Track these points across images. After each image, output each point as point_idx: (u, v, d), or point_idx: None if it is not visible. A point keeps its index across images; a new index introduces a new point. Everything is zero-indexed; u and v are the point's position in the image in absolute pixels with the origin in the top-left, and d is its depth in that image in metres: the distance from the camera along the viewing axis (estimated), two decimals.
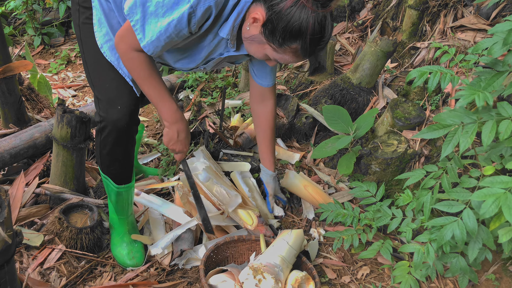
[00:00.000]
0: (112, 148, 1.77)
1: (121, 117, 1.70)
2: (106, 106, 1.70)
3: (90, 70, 1.75)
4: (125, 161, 1.85)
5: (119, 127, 1.72)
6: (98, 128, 1.76)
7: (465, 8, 3.17)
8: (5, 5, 4.45)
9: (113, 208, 2.00)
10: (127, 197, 1.96)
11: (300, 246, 1.98)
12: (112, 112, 1.69)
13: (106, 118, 1.71)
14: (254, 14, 1.44)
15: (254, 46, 1.53)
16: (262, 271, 1.79)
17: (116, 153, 1.80)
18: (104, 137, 1.75)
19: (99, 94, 1.72)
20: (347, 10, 3.74)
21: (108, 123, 1.71)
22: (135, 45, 1.54)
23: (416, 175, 1.81)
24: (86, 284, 1.91)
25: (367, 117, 2.51)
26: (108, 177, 1.88)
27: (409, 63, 3.18)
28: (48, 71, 4.29)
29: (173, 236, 2.05)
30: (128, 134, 1.77)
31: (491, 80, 1.48)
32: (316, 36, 1.40)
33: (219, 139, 2.63)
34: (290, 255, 1.91)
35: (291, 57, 1.49)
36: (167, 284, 1.93)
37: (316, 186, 2.39)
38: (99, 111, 1.74)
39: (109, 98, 1.70)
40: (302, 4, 1.35)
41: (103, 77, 1.71)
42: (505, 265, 2.03)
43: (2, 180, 2.40)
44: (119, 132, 1.73)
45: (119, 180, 1.88)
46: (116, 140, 1.75)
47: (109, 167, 1.85)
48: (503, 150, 1.63)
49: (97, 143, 1.80)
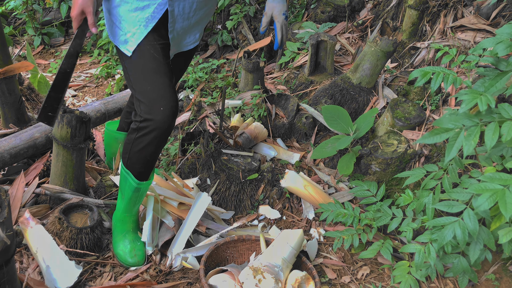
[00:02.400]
0: (145, 147, 1.81)
1: (165, 119, 1.74)
2: (149, 107, 1.74)
3: (130, 74, 1.80)
4: (152, 160, 1.89)
5: (161, 128, 1.76)
6: (136, 126, 1.79)
7: (465, 8, 3.17)
8: (5, 5, 4.45)
9: (122, 205, 2.00)
10: (142, 194, 1.98)
11: (300, 246, 1.98)
12: (156, 114, 1.73)
13: (149, 119, 1.74)
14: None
15: None
16: (262, 271, 1.79)
17: (147, 152, 1.83)
18: (140, 136, 1.79)
19: (141, 97, 1.76)
20: (347, 10, 3.73)
21: (150, 124, 1.75)
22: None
23: (416, 174, 1.81)
24: (86, 284, 1.91)
25: (367, 117, 2.51)
26: (130, 172, 1.90)
27: (409, 63, 3.18)
28: (48, 71, 4.29)
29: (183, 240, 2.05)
30: (165, 136, 1.80)
31: (494, 80, 1.48)
32: None
33: (219, 139, 2.63)
34: (290, 255, 1.91)
35: None
36: (167, 285, 1.93)
37: (316, 186, 2.39)
38: (140, 112, 1.77)
39: (151, 100, 1.74)
40: None
41: (141, 79, 1.76)
42: (505, 265, 2.03)
43: (2, 180, 2.40)
44: (159, 132, 1.77)
45: (141, 177, 1.91)
46: (152, 140, 1.79)
47: (135, 163, 1.87)
48: (503, 151, 1.63)
49: (129, 139, 1.83)
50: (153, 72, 1.76)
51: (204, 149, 2.46)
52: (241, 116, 2.86)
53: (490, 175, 1.42)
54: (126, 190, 1.95)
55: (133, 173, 1.89)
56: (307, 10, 3.97)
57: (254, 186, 2.39)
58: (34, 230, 1.96)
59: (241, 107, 2.96)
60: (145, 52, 1.77)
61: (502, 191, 1.36)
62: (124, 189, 1.96)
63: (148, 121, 1.75)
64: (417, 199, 1.84)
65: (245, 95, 3.04)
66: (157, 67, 1.77)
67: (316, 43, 3.01)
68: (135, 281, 1.92)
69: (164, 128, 1.76)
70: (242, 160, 2.44)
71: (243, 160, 2.43)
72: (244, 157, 2.46)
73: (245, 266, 1.90)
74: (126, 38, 1.77)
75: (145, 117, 1.75)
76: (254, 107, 2.83)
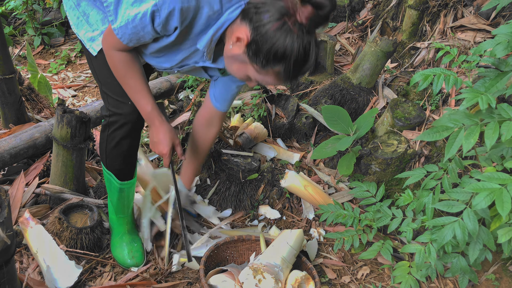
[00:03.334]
0: (119, 141, 1.79)
1: (133, 111, 1.72)
2: (116, 101, 1.72)
3: (94, 66, 1.76)
4: (130, 155, 1.87)
5: (131, 120, 1.74)
6: (107, 122, 1.77)
7: (465, 8, 3.17)
8: (5, 5, 4.45)
9: (113, 208, 2.00)
10: (128, 194, 1.97)
11: (300, 246, 1.98)
12: (123, 106, 1.72)
13: (117, 113, 1.73)
14: (238, 33, 1.43)
15: (236, 65, 1.52)
16: (262, 271, 1.79)
17: (123, 147, 1.82)
18: (113, 131, 1.77)
19: (107, 90, 1.74)
20: (347, 10, 3.73)
21: (119, 117, 1.74)
22: (114, 44, 1.55)
23: (416, 175, 1.81)
24: (86, 284, 1.91)
25: (367, 117, 2.51)
26: (111, 173, 1.89)
27: (409, 63, 3.18)
28: (48, 71, 4.29)
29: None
30: (137, 127, 1.79)
31: (494, 80, 1.49)
32: (299, 61, 1.40)
33: (219, 139, 2.63)
34: (290, 255, 1.91)
35: (273, 79, 1.48)
36: (167, 284, 1.93)
37: (316, 186, 2.38)
38: (108, 105, 1.76)
39: (118, 94, 1.71)
40: (288, 28, 1.35)
41: (108, 73, 1.72)
42: (505, 265, 2.03)
43: (2, 180, 2.40)
44: (129, 125, 1.76)
45: (122, 176, 1.90)
46: (125, 134, 1.78)
47: (114, 161, 1.86)
48: (503, 151, 1.63)
49: (103, 138, 1.81)
50: None
51: None
52: (241, 116, 2.86)
53: (488, 174, 1.43)
54: (112, 192, 1.95)
55: (114, 173, 1.88)
56: None
57: (254, 186, 2.39)
58: (34, 230, 1.96)
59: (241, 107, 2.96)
60: None
61: (500, 190, 1.37)
62: (110, 191, 1.96)
63: (117, 115, 1.74)
64: (417, 199, 1.84)
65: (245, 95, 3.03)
66: None
67: None
68: (135, 281, 1.92)
69: (134, 120, 1.75)
70: (242, 160, 2.43)
71: (243, 160, 2.43)
72: (244, 157, 2.46)
73: (245, 266, 1.90)
74: (93, 35, 1.69)
75: (113, 111, 1.74)
76: (254, 107, 2.83)
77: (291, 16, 1.36)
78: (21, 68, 4.10)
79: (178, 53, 1.62)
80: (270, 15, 1.37)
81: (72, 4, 1.72)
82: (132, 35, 1.49)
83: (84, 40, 1.71)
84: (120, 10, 1.47)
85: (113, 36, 1.52)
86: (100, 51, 1.68)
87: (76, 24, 1.73)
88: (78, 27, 1.72)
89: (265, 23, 1.37)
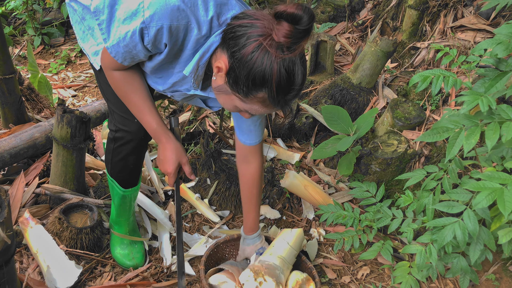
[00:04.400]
0: (125, 156, 1.77)
1: (139, 129, 1.68)
2: (123, 119, 1.69)
3: (101, 82, 1.72)
4: (136, 168, 1.85)
5: (136, 138, 1.71)
6: (113, 136, 1.74)
7: (465, 8, 3.17)
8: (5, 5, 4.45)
9: (115, 210, 2.00)
10: (130, 199, 1.96)
11: (300, 246, 1.98)
12: (130, 124, 1.68)
13: (124, 129, 1.70)
14: (218, 63, 1.32)
15: (222, 97, 1.40)
16: (263, 274, 1.78)
17: (129, 161, 1.79)
18: (119, 146, 1.75)
19: (113, 106, 1.70)
20: (347, 10, 3.73)
21: (125, 134, 1.71)
22: (110, 63, 1.50)
23: (417, 176, 1.81)
24: (86, 284, 1.91)
25: (367, 117, 2.51)
26: (115, 180, 1.87)
27: (409, 63, 3.18)
28: (48, 71, 4.29)
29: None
30: (143, 144, 1.76)
31: (494, 80, 1.48)
32: (283, 84, 1.26)
33: (219, 139, 2.63)
34: (291, 256, 1.91)
35: (261, 107, 1.34)
36: (167, 283, 1.93)
37: (316, 186, 2.38)
38: (115, 122, 1.72)
39: (123, 110, 1.67)
40: (264, 48, 1.22)
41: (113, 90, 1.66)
42: (505, 265, 2.03)
43: (2, 180, 2.40)
44: (135, 142, 1.73)
45: (126, 184, 1.88)
46: (132, 150, 1.75)
47: (119, 173, 1.84)
48: (504, 151, 1.63)
49: (109, 149, 1.79)
50: None
51: (204, 149, 2.46)
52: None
53: (489, 173, 1.43)
54: (114, 197, 1.95)
55: (118, 182, 1.87)
56: None
57: None
58: (34, 230, 1.96)
59: None
60: None
61: (501, 190, 1.37)
62: (113, 196, 1.96)
63: (123, 132, 1.71)
64: (417, 200, 1.84)
65: None
66: None
67: (316, 43, 3.01)
68: (134, 281, 1.92)
69: (140, 137, 1.71)
70: None
71: None
72: None
73: (244, 264, 1.90)
74: (97, 50, 1.65)
75: (119, 127, 1.71)
76: None
77: (267, 36, 1.22)
78: (21, 68, 4.11)
79: (170, 75, 1.54)
80: (246, 38, 1.24)
81: (77, 18, 1.68)
82: (125, 54, 1.42)
83: (89, 54, 1.68)
84: (112, 29, 1.40)
85: (108, 55, 1.45)
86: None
87: (82, 38, 1.69)
88: (84, 40, 1.68)
89: (240, 47, 1.25)
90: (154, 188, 2.43)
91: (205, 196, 2.39)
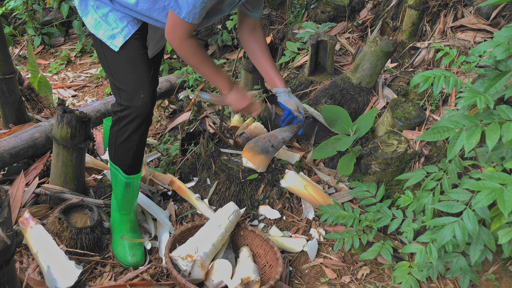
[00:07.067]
0: (129, 136, 1.86)
1: (145, 105, 1.81)
2: (130, 95, 1.81)
3: (109, 63, 1.85)
4: (139, 150, 1.92)
5: (142, 114, 1.82)
6: (118, 117, 1.84)
7: (465, 8, 3.17)
8: (5, 5, 4.45)
9: (116, 204, 2.01)
10: (133, 189, 2.00)
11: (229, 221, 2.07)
12: (136, 99, 1.80)
13: (130, 106, 1.81)
14: None
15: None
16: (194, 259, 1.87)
17: (132, 141, 1.88)
18: (123, 125, 1.84)
19: (121, 85, 1.82)
20: (347, 10, 3.73)
21: (131, 111, 1.81)
22: (186, 32, 1.73)
23: (417, 176, 1.81)
24: (86, 284, 1.92)
25: (367, 117, 2.51)
26: (118, 167, 1.93)
27: (409, 63, 3.18)
28: (48, 71, 4.29)
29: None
30: (147, 122, 1.87)
31: (493, 80, 1.49)
32: None
33: (219, 139, 2.63)
34: (223, 238, 2.01)
35: None
36: (167, 283, 1.93)
37: (316, 186, 2.38)
38: (120, 100, 1.83)
39: (132, 87, 1.80)
40: None
41: (123, 68, 1.82)
42: (505, 265, 2.03)
43: (2, 180, 2.40)
44: (140, 118, 1.83)
45: (129, 171, 1.94)
46: (135, 128, 1.84)
47: (122, 156, 1.91)
48: (504, 152, 1.63)
49: (113, 132, 1.88)
50: (135, 62, 1.83)
51: (204, 149, 2.46)
52: (241, 116, 2.86)
53: (489, 173, 1.43)
54: (117, 187, 1.98)
55: (121, 168, 1.93)
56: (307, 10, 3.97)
57: (254, 186, 2.39)
58: (34, 230, 1.96)
59: None
60: (130, 45, 1.83)
61: (501, 189, 1.37)
62: (115, 186, 1.99)
63: (129, 109, 1.81)
64: (417, 200, 1.84)
65: None
66: (139, 56, 1.84)
67: (316, 43, 3.01)
68: (135, 281, 1.92)
69: (145, 114, 1.83)
70: (242, 159, 2.43)
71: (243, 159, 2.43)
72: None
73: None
74: (114, 33, 1.81)
75: (125, 104, 1.81)
76: None
77: None
78: (21, 68, 4.11)
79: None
80: None
81: (90, 9, 1.84)
82: (201, 10, 1.66)
83: (104, 39, 1.81)
84: (180, 1, 1.64)
85: (182, 26, 1.70)
86: (122, 46, 1.80)
87: (94, 26, 1.84)
88: (96, 28, 1.83)
89: None
90: (154, 188, 2.43)
91: (205, 196, 2.39)
